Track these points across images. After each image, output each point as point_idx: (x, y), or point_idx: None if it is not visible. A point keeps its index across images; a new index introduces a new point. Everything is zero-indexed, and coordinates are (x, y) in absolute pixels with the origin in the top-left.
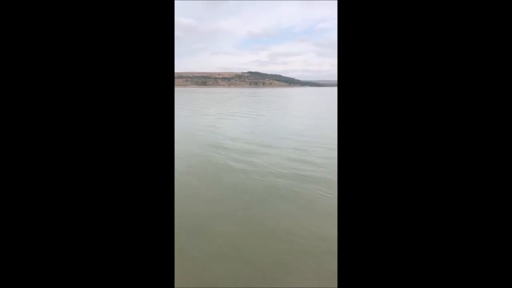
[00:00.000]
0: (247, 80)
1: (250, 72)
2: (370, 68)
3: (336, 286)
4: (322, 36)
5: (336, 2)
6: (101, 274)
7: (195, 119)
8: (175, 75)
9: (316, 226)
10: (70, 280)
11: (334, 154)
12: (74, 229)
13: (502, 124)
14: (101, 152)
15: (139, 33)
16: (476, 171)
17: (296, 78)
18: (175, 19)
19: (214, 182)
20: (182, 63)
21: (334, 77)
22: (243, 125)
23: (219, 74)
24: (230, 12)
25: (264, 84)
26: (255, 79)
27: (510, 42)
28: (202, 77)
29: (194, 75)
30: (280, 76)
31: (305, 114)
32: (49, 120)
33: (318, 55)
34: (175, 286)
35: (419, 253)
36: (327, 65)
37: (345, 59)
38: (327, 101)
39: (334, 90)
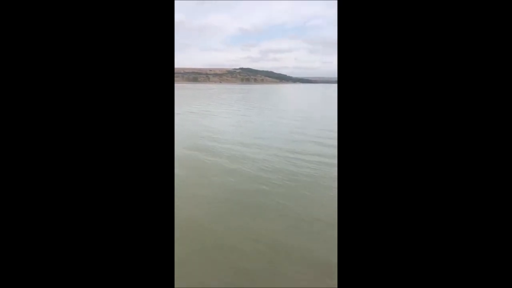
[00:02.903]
0: (238, 76)
1: (241, 68)
2: (370, 66)
3: (336, 286)
4: (313, 33)
5: (331, 0)
6: (101, 274)
7: None
8: None
9: None
10: (70, 280)
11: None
12: (74, 230)
13: (502, 124)
14: (101, 152)
15: (139, 32)
16: (477, 169)
17: (287, 75)
18: None
19: None
20: None
21: (325, 74)
22: (208, 126)
23: (210, 70)
24: (219, 8)
25: (255, 81)
26: (247, 76)
27: (510, 42)
28: (193, 73)
29: (185, 71)
30: (271, 72)
31: (289, 116)
32: (47, 118)
33: (309, 52)
34: (175, 286)
35: (419, 253)
36: (318, 62)
37: (345, 57)
38: (318, 100)
39: (325, 87)
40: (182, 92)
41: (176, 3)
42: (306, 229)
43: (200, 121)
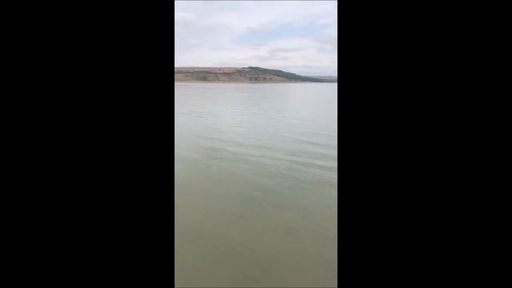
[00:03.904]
0: (247, 75)
1: (250, 67)
2: (370, 66)
3: (336, 286)
4: (321, 32)
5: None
6: (101, 274)
7: None
8: (175, 70)
9: None
10: (70, 280)
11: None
12: (74, 230)
13: (502, 123)
14: (100, 151)
15: (139, 32)
16: (477, 170)
17: (296, 74)
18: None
19: None
20: (181, 58)
21: (334, 73)
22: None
23: (219, 69)
24: (228, 7)
25: (264, 80)
26: (256, 74)
27: (510, 42)
28: (203, 72)
29: (194, 70)
30: (280, 71)
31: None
32: (46, 118)
33: (318, 51)
34: (175, 286)
35: (419, 253)
36: (327, 61)
37: (345, 57)
38: (322, 101)
39: (333, 86)
40: (184, 91)
41: (185, 2)
42: None
43: (191, 125)
